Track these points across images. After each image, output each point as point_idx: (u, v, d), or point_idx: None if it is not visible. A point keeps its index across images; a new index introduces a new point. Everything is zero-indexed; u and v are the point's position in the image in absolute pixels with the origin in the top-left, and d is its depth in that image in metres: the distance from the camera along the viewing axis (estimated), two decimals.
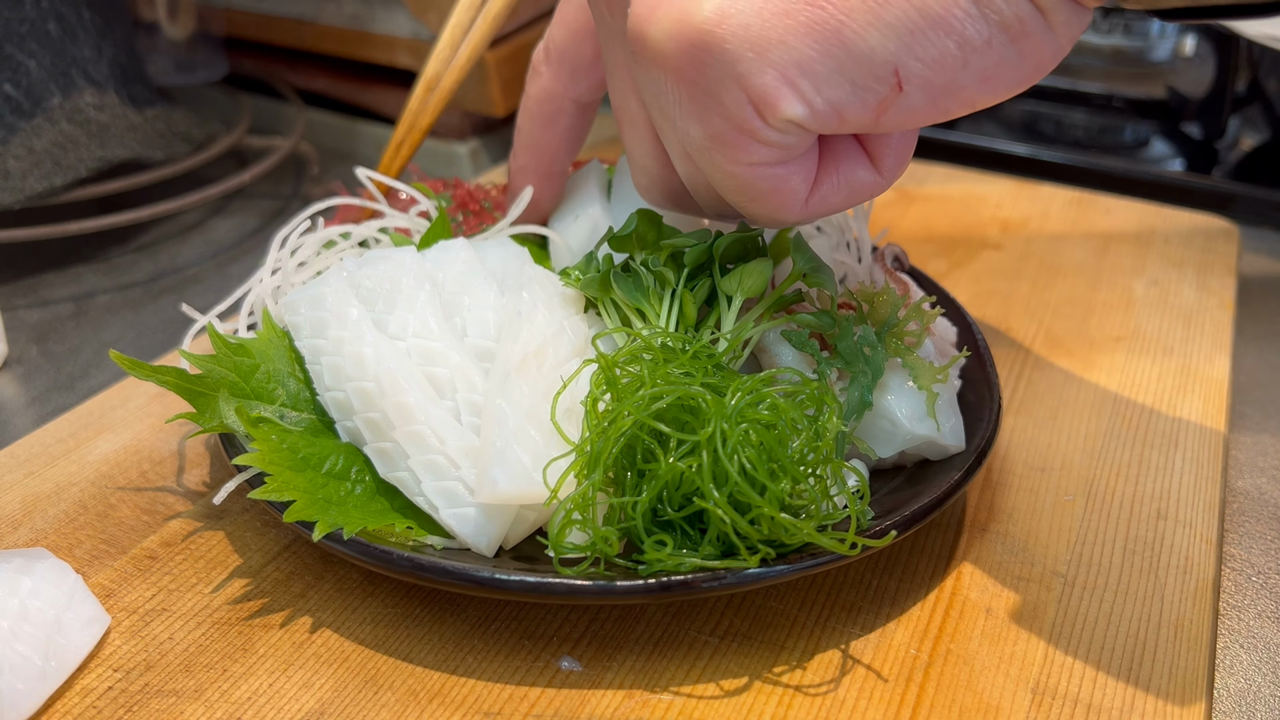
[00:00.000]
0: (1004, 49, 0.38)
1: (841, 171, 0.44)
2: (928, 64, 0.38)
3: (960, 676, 0.44)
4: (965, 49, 0.38)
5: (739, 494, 0.42)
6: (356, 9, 0.92)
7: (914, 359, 0.50)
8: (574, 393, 0.48)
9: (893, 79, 0.38)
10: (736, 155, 0.41)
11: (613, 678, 0.44)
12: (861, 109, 0.39)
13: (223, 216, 0.86)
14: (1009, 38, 0.38)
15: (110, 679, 0.44)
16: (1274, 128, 0.96)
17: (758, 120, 0.40)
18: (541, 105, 0.56)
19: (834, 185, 0.44)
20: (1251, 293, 0.75)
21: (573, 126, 0.57)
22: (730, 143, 0.41)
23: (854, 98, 0.39)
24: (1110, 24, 1.02)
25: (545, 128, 0.57)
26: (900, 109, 0.39)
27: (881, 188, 0.45)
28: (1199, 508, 0.54)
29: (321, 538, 0.45)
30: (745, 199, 0.43)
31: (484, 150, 0.94)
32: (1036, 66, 0.39)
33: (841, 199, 0.44)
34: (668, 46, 0.40)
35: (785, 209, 0.43)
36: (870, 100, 0.39)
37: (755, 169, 0.41)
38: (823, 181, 0.44)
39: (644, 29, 0.41)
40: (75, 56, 0.77)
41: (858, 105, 0.39)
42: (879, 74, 0.38)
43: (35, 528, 0.51)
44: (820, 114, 0.39)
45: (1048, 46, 0.38)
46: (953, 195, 0.85)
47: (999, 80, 0.39)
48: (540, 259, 0.58)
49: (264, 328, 0.52)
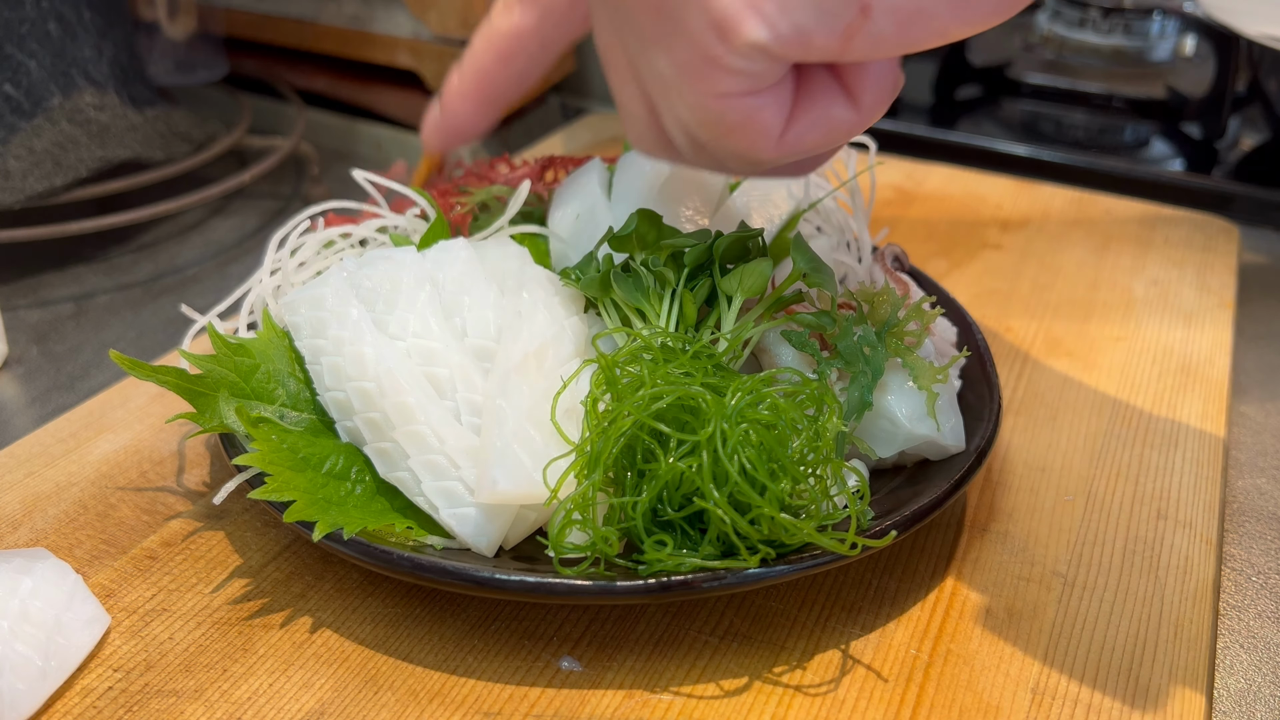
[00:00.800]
0: None
1: (817, 107, 0.42)
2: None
3: (960, 676, 0.44)
4: None
5: (739, 494, 0.42)
6: (356, 9, 0.92)
7: (914, 359, 0.50)
8: (574, 393, 0.48)
9: (858, 2, 0.37)
10: (703, 86, 0.40)
11: (613, 678, 0.44)
12: (827, 34, 0.38)
13: (223, 216, 0.86)
14: None
15: (110, 679, 0.44)
16: (1274, 128, 0.96)
17: (721, 45, 0.39)
18: (506, 40, 0.55)
19: (810, 122, 0.42)
20: (1251, 293, 0.75)
21: (529, 67, 0.56)
22: (696, 72, 0.40)
23: (819, 22, 0.38)
24: (1110, 24, 1.02)
25: (503, 63, 0.56)
26: (868, 35, 0.38)
27: (860, 126, 0.43)
28: (1199, 508, 0.54)
29: (321, 538, 0.45)
30: (717, 135, 0.42)
31: (484, 150, 0.94)
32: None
33: (818, 136, 0.43)
34: None
35: (758, 145, 0.42)
36: (836, 25, 0.38)
37: (725, 100, 0.40)
38: (798, 117, 0.42)
39: None
40: (75, 56, 0.77)
41: (823, 30, 0.38)
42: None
43: (35, 528, 0.51)
44: (784, 38, 0.38)
45: None
46: (953, 195, 0.85)
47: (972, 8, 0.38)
48: (540, 259, 0.58)
49: (264, 328, 0.52)
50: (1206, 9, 0.93)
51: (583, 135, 0.96)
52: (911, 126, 0.97)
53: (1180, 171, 0.91)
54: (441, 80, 0.90)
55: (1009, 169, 0.91)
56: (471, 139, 0.60)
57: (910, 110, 1.01)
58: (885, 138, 0.87)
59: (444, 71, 0.90)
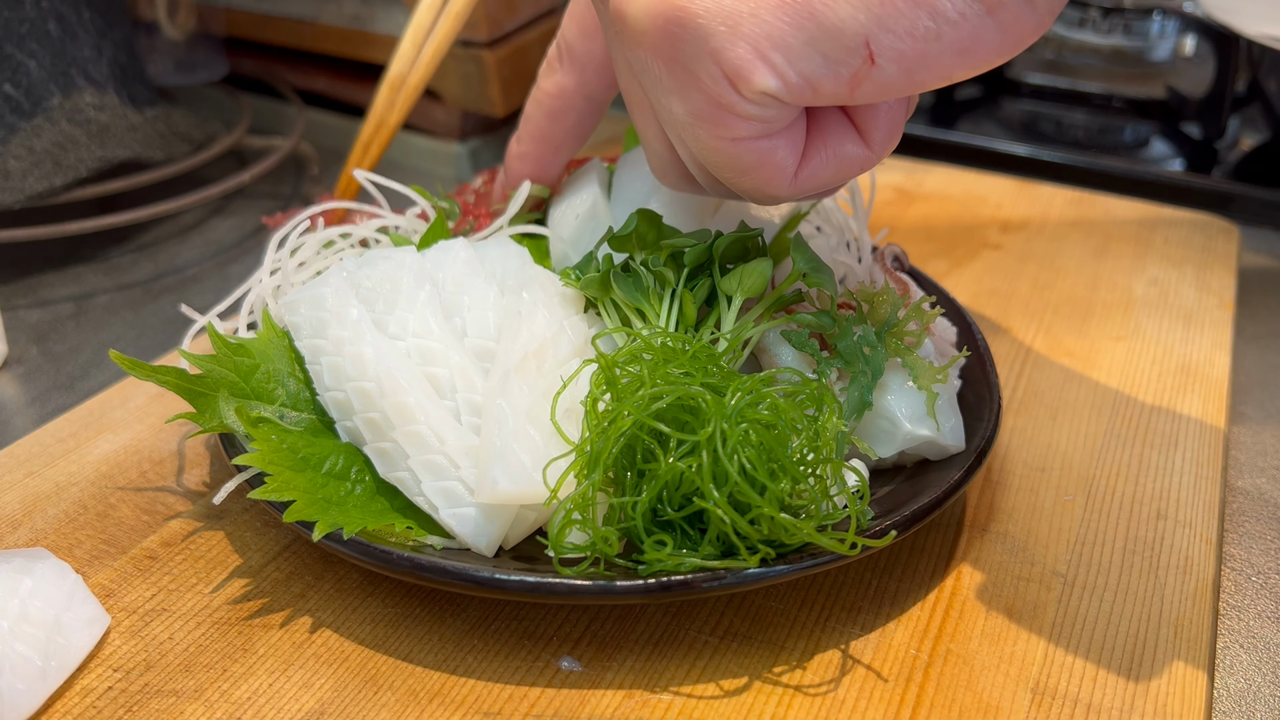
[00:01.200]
0: (979, 21, 0.37)
1: (830, 145, 0.44)
2: (900, 36, 0.38)
3: (960, 676, 0.44)
4: (939, 21, 0.37)
5: (739, 494, 0.42)
6: (356, 9, 0.92)
7: (914, 359, 0.50)
8: (574, 393, 0.48)
9: (864, 51, 0.38)
10: (718, 130, 0.41)
11: (613, 678, 0.44)
12: (835, 81, 0.39)
13: (223, 216, 0.86)
14: (985, 9, 0.37)
15: (110, 679, 0.44)
16: (1274, 128, 0.96)
17: (733, 94, 0.40)
18: (554, 100, 0.57)
19: (823, 160, 0.44)
20: (1251, 293, 0.75)
21: (580, 122, 0.58)
22: (710, 118, 0.41)
23: (826, 70, 0.39)
24: (1110, 24, 1.02)
25: (554, 121, 0.57)
26: (874, 81, 0.39)
27: (871, 162, 0.45)
28: (1199, 508, 0.54)
29: (321, 538, 0.45)
30: (734, 174, 0.43)
31: (484, 150, 0.94)
32: (1016, 39, 0.38)
33: (831, 173, 0.44)
34: (645, 24, 0.40)
35: (774, 183, 0.44)
36: (843, 73, 0.39)
37: (739, 144, 0.42)
38: (811, 156, 0.44)
39: (624, 8, 0.41)
40: (75, 56, 0.77)
41: (830, 78, 0.39)
42: (850, 46, 0.38)
43: (35, 528, 0.51)
44: (794, 86, 0.39)
45: (1027, 19, 0.38)
46: (953, 195, 0.85)
47: (976, 53, 0.38)
48: (540, 259, 0.58)
49: (264, 328, 0.52)
50: (1206, 9, 0.93)
51: None
52: (911, 126, 0.96)
53: (1180, 171, 0.91)
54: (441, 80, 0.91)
55: (1009, 169, 0.91)
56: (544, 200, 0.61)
57: None
58: None
59: (444, 71, 0.90)
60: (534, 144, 0.59)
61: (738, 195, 0.48)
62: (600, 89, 0.56)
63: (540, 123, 0.58)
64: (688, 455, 0.43)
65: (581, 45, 0.55)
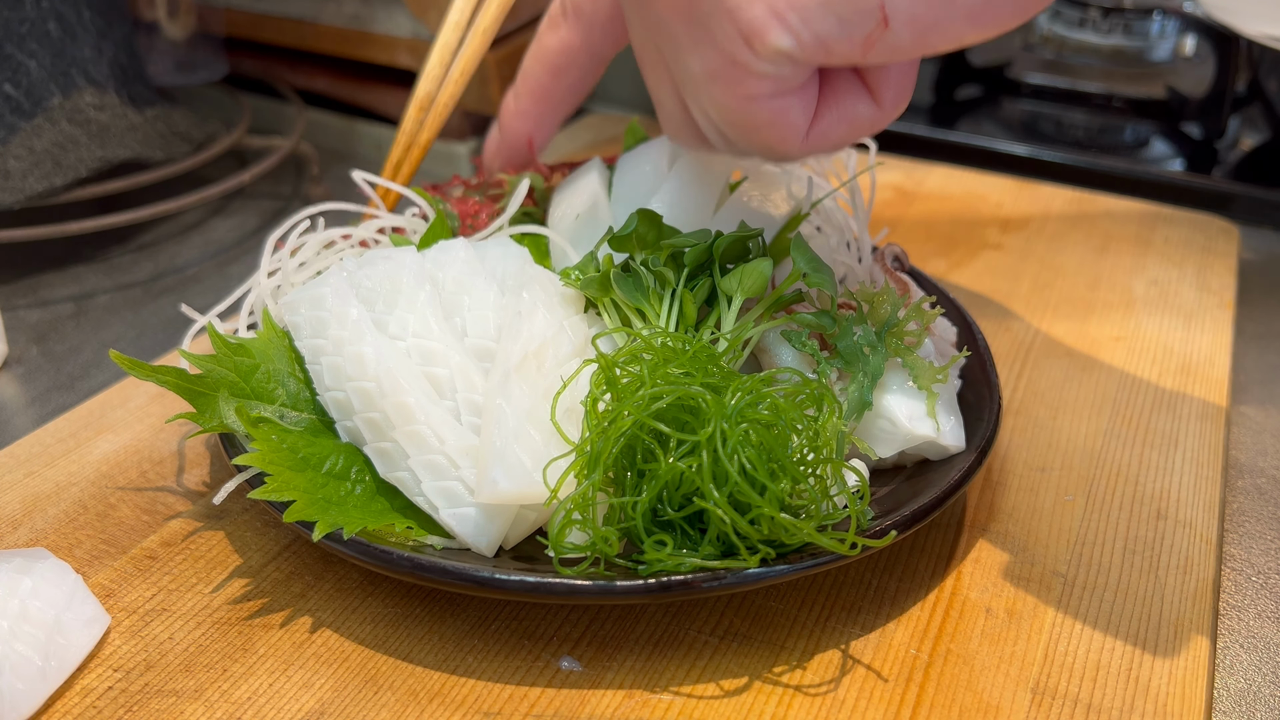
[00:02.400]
0: None
1: (842, 105, 0.45)
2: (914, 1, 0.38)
3: (960, 676, 0.44)
4: None
5: (739, 494, 0.42)
6: (356, 9, 0.92)
7: (914, 359, 0.50)
8: (574, 393, 0.48)
9: (879, 14, 0.39)
10: (733, 88, 0.42)
11: (613, 678, 0.44)
12: (848, 43, 0.40)
13: (223, 216, 0.86)
14: None
15: (110, 679, 0.44)
16: (1274, 128, 0.96)
17: (748, 52, 0.40)
18: (557, 56, 0.57)
19: (834, 119, 0.45)
20: (1251, 293, 0.75)
21: (583, 78, 0.58)
22: (725, 76, 0.42)
23: (840, 32, 0.39)
24: (1110, 24, 1.02)
25: (557, 77, 0.57)
26: (886, 44, 0.40)
27: (882, 122, 0.46)
28: (1199, 508, 0.54)
29: (321, 538, 0.45)
30: (747, 132, 0.44)
31: None
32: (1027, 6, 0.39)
33: (842, 133, 0.45)
34: None
35: (786, 141, 0.44)
36: (857, 35, 0.39)
37: (753, 101, 0.42)
38: (823, 115, 0.45)
39: None
40: (75, 56, 0.77)
41: (844, 39, 0.40)
42: (865, 9, 0.39)
43: (35, 528, 0.51)
44: (807, 46, 0.40)
45: None
46: (953, 195, 0.85)
47: (988, 18, 0.39)
48: (540, 259, 0.58)
49: (264, 328, 0.52)
50: (1206, 9, 0.93)
51: (583, 135, 0.96)
52: (911, 126, 0.97)
53: (1180, 171, 0.91)
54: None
55: (1009, 169, 0.91)
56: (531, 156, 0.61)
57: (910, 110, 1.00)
58: (885, 138, 0.87)
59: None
60: (534, 101, 0.58)
61: (749, 153, 0.48)
62: (606, 45, 0.56)
63: (542, 79, 0.57)
64: (688, 455, 0.43)
65: (589, 3, 0.55)
